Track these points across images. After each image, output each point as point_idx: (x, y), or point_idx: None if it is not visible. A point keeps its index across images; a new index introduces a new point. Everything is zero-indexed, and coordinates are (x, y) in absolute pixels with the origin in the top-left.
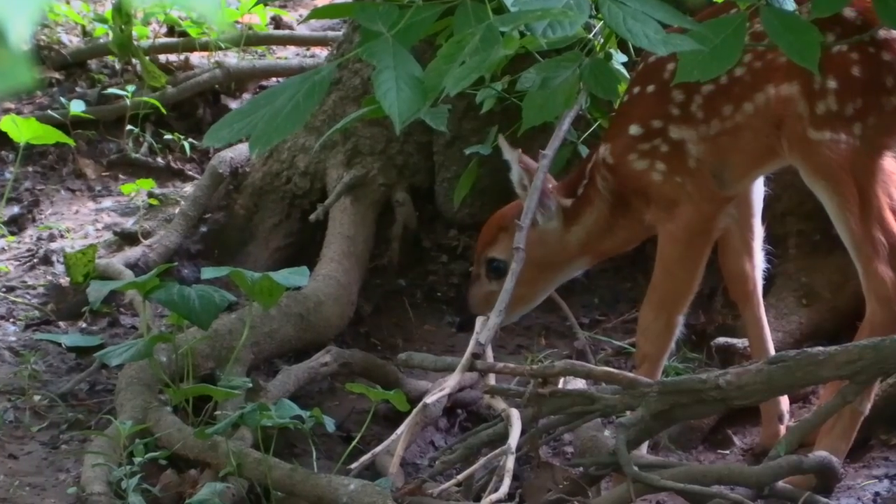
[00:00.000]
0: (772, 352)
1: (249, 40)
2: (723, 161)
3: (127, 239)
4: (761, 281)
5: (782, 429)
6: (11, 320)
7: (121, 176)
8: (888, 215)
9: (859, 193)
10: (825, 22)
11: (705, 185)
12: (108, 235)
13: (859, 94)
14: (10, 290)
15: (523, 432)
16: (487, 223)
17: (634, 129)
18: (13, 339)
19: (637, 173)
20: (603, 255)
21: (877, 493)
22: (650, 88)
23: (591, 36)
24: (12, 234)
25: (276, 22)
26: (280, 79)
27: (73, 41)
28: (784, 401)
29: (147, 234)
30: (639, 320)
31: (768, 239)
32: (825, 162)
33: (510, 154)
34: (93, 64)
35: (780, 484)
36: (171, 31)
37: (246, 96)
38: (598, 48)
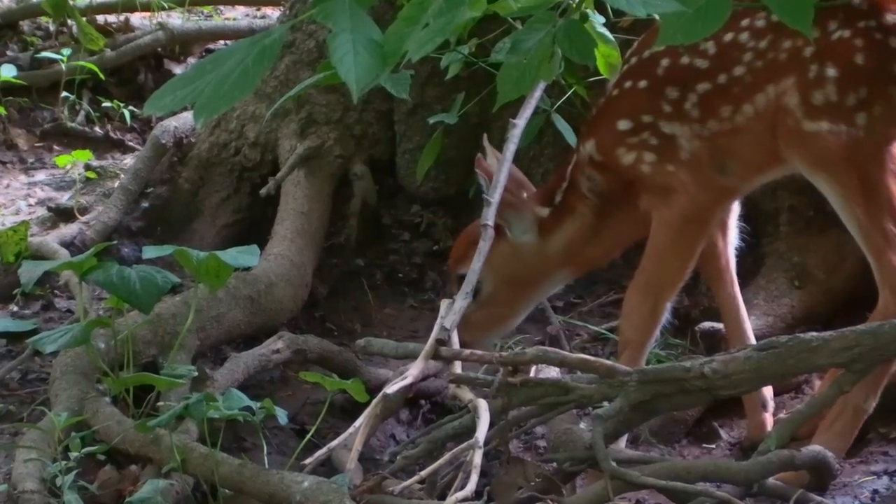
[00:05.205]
0: (750, 333)
1: (195, 0)
2: (721, 161)
3: (62, 215)
4: (734, 258)
5: (768, 417)
6: None
7: (55, 147)
8: None
9: (866, 184)
10: (829, 8)
11: (702, 175)
12: (41, 211)
13: (863, 83)
14: None
15: (492, 425)
16: (458, 240)
17: (623, 125)
18: None
19: (626, 167)
20: (586, 267)
21: (875, 491)
22: (642, 84)
23: None
24: None
25: None
26: (228, 42)
27: (3, 1)
28: (767, 387)
29: (84, 210)
30: (623, 304)
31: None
32: (823, 154)
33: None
34: (25, 25)
35: (771, 481)
36: None
37: (191, 60)
38: (573, 9)
